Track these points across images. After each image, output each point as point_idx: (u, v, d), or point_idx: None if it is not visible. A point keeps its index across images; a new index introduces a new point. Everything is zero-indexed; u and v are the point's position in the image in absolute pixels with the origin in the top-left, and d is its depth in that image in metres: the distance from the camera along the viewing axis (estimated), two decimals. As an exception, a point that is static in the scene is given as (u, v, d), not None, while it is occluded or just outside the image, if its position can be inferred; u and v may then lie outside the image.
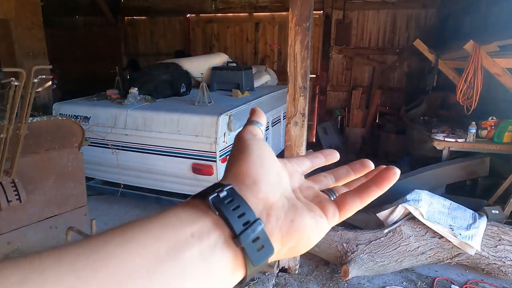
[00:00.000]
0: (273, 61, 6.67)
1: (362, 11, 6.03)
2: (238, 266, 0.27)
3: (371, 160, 0.39)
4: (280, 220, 0.30)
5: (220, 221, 0.27)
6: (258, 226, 0.28)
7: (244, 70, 4.35)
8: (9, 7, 3.79)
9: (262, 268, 0.29)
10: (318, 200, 0.33)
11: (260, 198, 0.30)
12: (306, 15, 2.32)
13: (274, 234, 0.29)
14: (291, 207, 0.31)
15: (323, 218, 0.32)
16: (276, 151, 4.60)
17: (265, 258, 0.28)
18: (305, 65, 2.40)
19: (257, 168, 0.31)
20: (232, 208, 0.28)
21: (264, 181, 0.31)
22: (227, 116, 3.18)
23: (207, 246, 0.26)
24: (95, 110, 3.51)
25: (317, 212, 0.32)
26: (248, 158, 0.32)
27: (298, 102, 2.45)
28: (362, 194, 0.34)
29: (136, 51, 7.46)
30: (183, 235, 0.26)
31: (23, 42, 4.08)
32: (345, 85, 6.37)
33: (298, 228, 0.30)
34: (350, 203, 0.33)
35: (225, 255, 0.27)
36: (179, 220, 0.27)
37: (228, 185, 0.29)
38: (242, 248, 0.27)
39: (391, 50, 6.03)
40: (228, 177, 0.31)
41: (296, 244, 0.30)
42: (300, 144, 2.53)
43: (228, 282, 0.27)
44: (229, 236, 0.27)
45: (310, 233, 0.30)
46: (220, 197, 0.28)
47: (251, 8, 6.53)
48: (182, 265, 0.25)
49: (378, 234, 2.66)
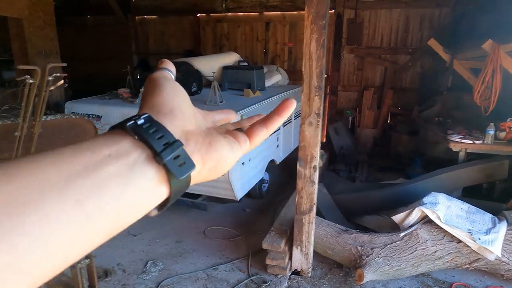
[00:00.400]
0: (283, 61, 6.62)
1: (374, 10, 5.94)
2: (161, 181, 0.29)
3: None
4: (199, 143, 0.33)
5: (140, 143, 0.29)
6: (178, 146, 0.30)
7: (256, 69, 4.31)
8: (22, 6, 3.81)
9: (186, 184, 0.31)
10: (230, 133, 0.37)
11: (177, 125, 0.32)
12: (322, 13, 2.27)
13: (194, 154, 0.31)
14: (207, 133, 0.34)
15: (236, 143, 0.36)
16: (287, 152, 4.55)
17: (187, 172, 0.30)
18: (320, 64, 2.35)
19: (171, 100, 0.33)
20: (151, 131, 0.29)
21: (180, 111, 0.33)
22: (239, 116, 3.14)
23: (125, 164, 0.27)
24: (107, 109, 3.50)
25: (230, 138, 0.36)
26: (163, 91, 0.34)
27: (313, 102, 2.41)
28: (267, 123, 0.38)
29: (146, 50, 7.48)
30: (99, 155, 0.27)
31: (36, 41, 4.10)
32: (356, 85, 6.29)
33: (216, 149, 0.33)
34: (257, 131, 0.38)
35: (146, 172, 0.28)
36: (95, 144, 0.28)
37: (144, 114, 0.31)
38: (164, 165, 0.29)
39: (403, 50, 5.93)
40: (144, 108, 0.33)
41: (215, 165, 0.33)
42: (315, 145, 2.48)
43: (151, 195, 0.29)
44: (150, 155, 0.29)
45: (226, 154, 0.34)
46: (137, 123, 0.30)
47: (261, 8, 6.49)
48: (98, 181, 0.25)
49: (394, 238, 2.60)
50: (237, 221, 3.59)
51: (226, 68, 4.39)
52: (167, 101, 0.33)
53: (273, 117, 0.39)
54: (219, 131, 0.37)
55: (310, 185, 2.56)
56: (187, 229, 3.42)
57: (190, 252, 3.05)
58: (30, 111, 1.77)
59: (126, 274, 2.75)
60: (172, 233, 3.34)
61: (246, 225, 3.53)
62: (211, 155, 0.33)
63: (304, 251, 2.68)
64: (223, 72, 4.39)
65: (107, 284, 2.60)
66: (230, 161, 0.35)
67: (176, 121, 0.32)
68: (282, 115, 0.39)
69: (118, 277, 2.71)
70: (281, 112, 0.39)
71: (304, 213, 2.61)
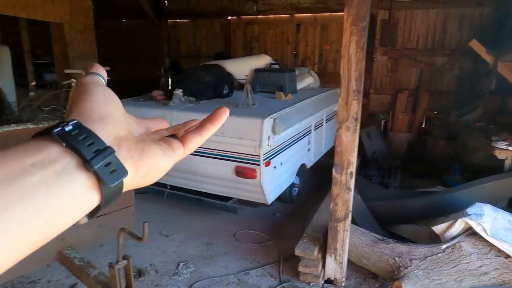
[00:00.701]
0: (313, 63, 6.52)
1: (410, 11, 5.74)
2: (91, 188, 0.29)
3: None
4: (132, 149, 0.32)
5: (69, 151, 0.28)
6: (110, 152, 0.29)
7: (288, 72, 4.26)
8: (64, 12, 3.97)
9: (119, 191, 0.30)
10: (164, 140, 0.37)
11: (108, 131, 0.31)
12: (363, 14, 2.20)
13: (126, 160, 0.31)
14: (140, 140, 0.34)
15: (169, 149, 0.36)
16: (318, 156, 4.47)
17: (119, 178, 0.30)
18: (360, 67, 2.27)
19: (102, 105, 0.33)
20: (80, 138, 0.29)
21: (111, 117, 0.33)
22: (272, 119, 3.11)
23: (52, 172, 0.27)
24: (142, 111, 3.57)
25: (164, 145, 0.36)
26: (93, 97, 0.33)
27: (351, 106, 2.33)
28: (201, 130, 0.39)
29: (178, 53, 7.61)
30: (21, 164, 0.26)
31: (76, 45, 4.27)
32: (389, 87, 6.09)
33: (149, 156, 0.33)
34: (191, 138, 0.38)
35: (75, 180, 0.28)
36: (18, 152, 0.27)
37: (73, 120, 0.30)
38: (94, 172, 0.28)
39: (440, 51, 5.68)
40: (72, 114, 0.32)
41: (148, 171, 0.33)
42: (352, 150, 2.40)
43: (81, 203, 0.28)
44: (80, 163, 0.28)
45: (160, 161, 0.34)
46: (65, 130, 0.29)
47: (292, 10, 6.43)
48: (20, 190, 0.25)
49: (435, 250, 2.46)
50: (267, 225, 3.55)
51: (257, 71, 4.38)
52: (97, 106, 0.33)
53: (206, 125, 0.40)
54: (152, 138, 0.37)
55: (346, 191, 2.48)
56: (217, 232, 3.42)
57: (220, 255, 3.05)
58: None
59: (159, 274, 2.78)
60: (203, 235, 3.36)
61: (277, 229, 3.49)
62: (144, 162, 0.33)
63: (338, 259, 2.61)
64: (254, 74, 4.38)
65: (141, 284, 2.64)
66: (164, 168, 0.35)
67: (108, 127, 0.32)
68: (215, 123, 0.40)
69: (151, 277, 2.75)
70: (214, 120, 0.40)
71: (339, 220, 2.53)
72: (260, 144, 3.02)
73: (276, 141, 3.20)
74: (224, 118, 0.40)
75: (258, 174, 3.08)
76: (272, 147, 3.16)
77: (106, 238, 2.49)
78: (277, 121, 3.13)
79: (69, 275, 2.58)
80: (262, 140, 3.01)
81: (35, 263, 2.11)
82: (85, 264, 2.07)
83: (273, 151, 3.20)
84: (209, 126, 0.40)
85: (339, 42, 6.32)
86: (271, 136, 3.10)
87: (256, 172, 3.08)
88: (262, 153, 3.04)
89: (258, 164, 3.07)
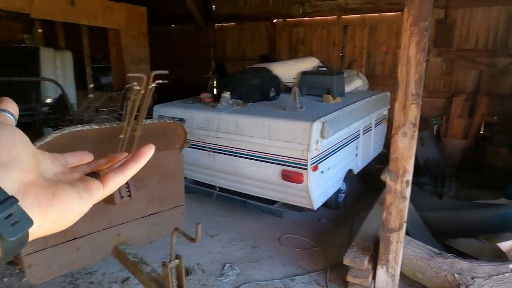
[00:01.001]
0: (360, 65, 6.32)
1: (469, 9, 5.36)
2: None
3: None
4: (40, 195, 0.31)
5: None
6: (11, 203, 0.28)
7: (336, 74, 4.16)
8: (121, 18, 4.21)
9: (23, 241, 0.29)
10: (83, 180, 0.35)
11: (13, 177, 0.30)
12: (424, 13, 2.08)
13: (33, 208, 0.29)
14: (52, 184, 0.32)
15: (86, 192, 0.34)
16: (365, 161, 4.31)
17: (21, 231, 0.28)
18: (420, 69, 2.14)
19: (8, 150, 0.31)
20: None
21: (17, 160, 0.31)
22: (321, 122, 3.04)
23: None
24: (191, 113, 3.67)
25: (80, 187, 0.34)
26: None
27: (410, 111, 2.20)
28: (123, 169, 0.38)
29: (223, 56, 7.76)
30: None
31: (130, 49, 4.50)
32: (443, 91, 5.74)
33: (60, 201, 0.31)
34: (112, 177, 0.37)
35: None
36: None
37: None
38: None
39: (503, 52, 5.24)
40: None
41: (59, 217, 0.31)
42: (409, 157, 2.27)
43: None
44: None
45: (73, 205, 0.32)
46: None
47: (340, 11, 6.29)
48: None
49: (501, 269, 2.25)
50: (313, 231, 3.48)
51: (304, 74, 4.32)
52: (2, 152, 0.30)
53: (129, 163, 0.39)
54: (69, 178, 0.35)
55: (401, 201, 2.35)
56: (262, 235, 3.41)
57: (266, 258, 3.03)
58: (134, 115, 1.89)
59: (205, 274, 2.82)
60: (248, 237, 3.36)
61: (322, 236, 3.40)
62: (54, 208, 0.31)
63: (390, 271, 2.47)
64: (301, 77, 4.33)
65: (188, 282, 2.70)
66: (78, 212, 0.33)
67: (12, 173, 0.30)
68: (139, 161, 0.39)
69: (198, 276, 2.79)
70: (138, 159, 0.39)
71: (393, 230, 2.40)
72: (308, 148, 2.96)
73: (324, 145, 3.13)
74: (149, 156, 0.39)
75: (305, 178, 3.03)
76: (320, 151, 3.09)
77: (157, 236, 2.57)
78: (326, 125, 3.05)
79: (122, 269, 2.70)
80: (310, 144, 2.95)
81: (94, 256, 2.23)
82: (138, 260, 2.14)
83: (321, 156, 3.13)
84: (133, 164, 0.39)
85: (388, 43, 6.08)
86: (319, 140, 3.03)
87: (303, 176, 3.03)
88: (310, 157, 2.98)
89: (305, 168, 3.01)
